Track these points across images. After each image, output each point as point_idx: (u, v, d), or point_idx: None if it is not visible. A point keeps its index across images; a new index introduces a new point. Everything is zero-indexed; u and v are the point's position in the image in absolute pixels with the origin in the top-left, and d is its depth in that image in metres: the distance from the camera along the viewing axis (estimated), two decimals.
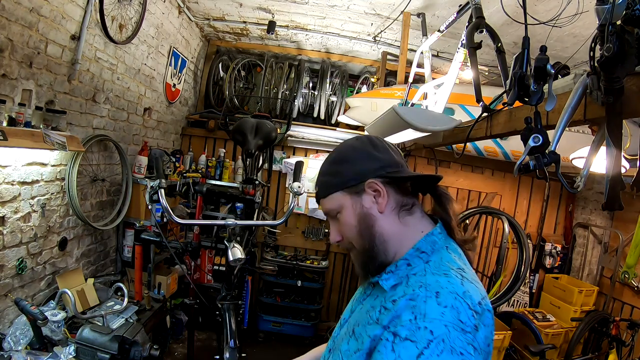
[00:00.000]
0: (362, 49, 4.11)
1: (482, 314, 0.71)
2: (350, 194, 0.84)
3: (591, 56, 0.91)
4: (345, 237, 0.88)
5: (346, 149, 0.88)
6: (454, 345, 0.65)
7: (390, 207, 0.83)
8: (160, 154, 3.18)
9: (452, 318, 0.67)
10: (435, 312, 0.68)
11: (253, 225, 2.54)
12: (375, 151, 0.85)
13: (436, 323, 0.67)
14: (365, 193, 0.83)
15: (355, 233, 0.85)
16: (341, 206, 0.86)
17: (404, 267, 0.80)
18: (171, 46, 3.45)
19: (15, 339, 1.84)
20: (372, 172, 0.83)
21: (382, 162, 0.84)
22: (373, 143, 0.87)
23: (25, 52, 1.86)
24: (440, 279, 0.73)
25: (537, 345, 3.25)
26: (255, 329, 3.99)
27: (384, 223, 0.83)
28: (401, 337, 0.68)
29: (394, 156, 0.86)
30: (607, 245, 3.81)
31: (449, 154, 3.34)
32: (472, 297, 0.71)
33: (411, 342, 0.67)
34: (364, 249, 0.84)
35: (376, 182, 0.82)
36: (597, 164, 1.39)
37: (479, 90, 1.67)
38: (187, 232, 3.58)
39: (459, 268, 0.77)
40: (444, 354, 0.65)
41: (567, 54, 2.94)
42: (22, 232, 2.01)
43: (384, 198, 0.82)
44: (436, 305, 0.69)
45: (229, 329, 2.05)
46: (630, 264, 3.33)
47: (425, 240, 0.82)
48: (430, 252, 0.81)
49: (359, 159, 0.85)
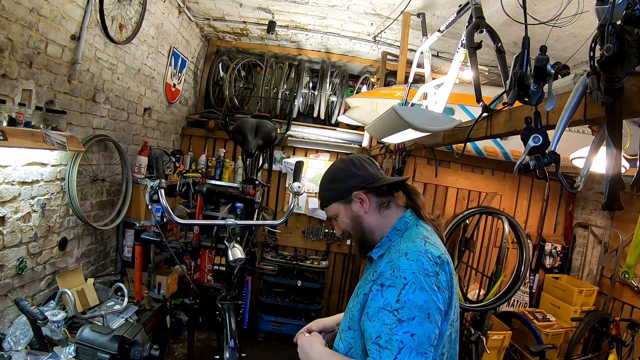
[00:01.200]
0: (362, 49, 4.11)
1: (442, 264, 1.01)
2: (343, 204, 1.19)
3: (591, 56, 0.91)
4: (345, 231, 1.23)
5: (336, 170, 1.23)
6: (422, 285, 0.95)
7: (372, 207, 1.18)
8: (160, 154, 3.17)
9: (418, 267, 0.97)
10: (405, 265, 0.98)
11: (253, 225, 2.54)
12: (356, 170, 1.19)
13: (407, 272, 0.97)
14: (354, 201, 1.18)
15: (351, 229, 1.21)
16: (338, 212, 1.21)
17: (387, 242, 1.14)
18: (171, 46, 3.45)
19: (15, 339, 1.84)
20: (356, 186, 1.17)
21: (362, 178, 1.17)
22: (354, 164, 1.20)
23: (25, 52, 1.86)
24: (409, 244, 1.05)
25: (537, 345, 3.25)
26: (255, 329, 3.99)
27: (369, 219, 1.18)
28: (385, 285, 0.98)
29: (370, 170, 1.19)
30: (607, 245, 3.81)
31: (449, 154, 3.34)
32: (433, 253, 1.01)
33: (393, 287, 0.97)
34: (358, 239, 1.21)
35: (360, 193, 1.16)
36: (597, 164, 1.39)
37: (479, 90, 1.66)
38: (187, 232, 3.58)
39: (423, 237, 1.08)
40: (417, 292, 0.94)
41: (567, 54, 2.94)
42: (22, 232, 2.02)
43: (367, 203, 1.17)
44: (405, 260, 0.99)
45: (229, 329, 2.05)
46: (630, 264, 3.33)
47: (400, 222, 1.16)
48: (404, 229, 1.14)
49: (346, 177, 1.19)
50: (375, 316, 0.96)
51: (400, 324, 0.92)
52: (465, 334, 3.42)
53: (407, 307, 0.93)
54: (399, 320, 0.92)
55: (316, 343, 1.16)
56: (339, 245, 4.35)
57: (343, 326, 1.13)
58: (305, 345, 1.16)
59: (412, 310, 0.92)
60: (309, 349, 1.14)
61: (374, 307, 0.98)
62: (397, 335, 0.91)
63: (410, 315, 0.92)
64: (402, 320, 0.92)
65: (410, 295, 0.93)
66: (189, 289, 3.31)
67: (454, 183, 3.97)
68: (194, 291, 3.13)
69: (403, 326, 0.92)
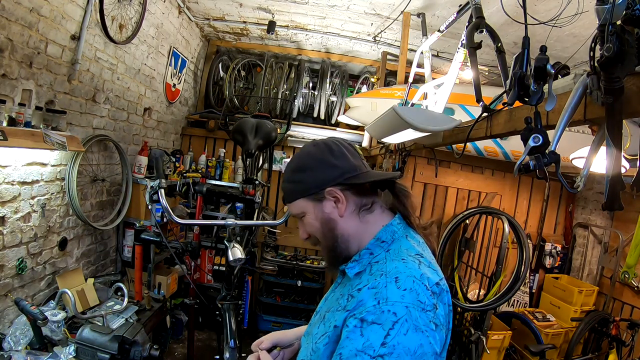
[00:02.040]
0: (362, 49, 4.11)
1: (440, 294, 0.78)
2: (312, 201, 0.91)
3: (591, 56, 0.91)
4: (311, 235, 0.95)
5: (305, 157, 0.93)
6: (417, 324, 0.72)
7: (349, 210, 0.90)
8: (160, 154, 3.18)
9: (412, 299, 0.74)
10: (396, 296, 0.74)
11: (253, 225, 2.53)
12: (333, 158, 0.90)
13: (398, 305, 0.73)
14: (326, 199, 0.90)
15: (320, 234, 0.93)
16: (305, 211, 0.93)
17: (367, 256, 0.88)
18: (171, 46, 3.45)
19: (15, 339, 1.84)
20: (331, 181, 0.89)
21: (340, 170, 0.89)
22: (330, 149, 0.92)
23: (25, 52, 1.86)
24: (399, 264, 0.80)
25: (537, 345, 3.25)
26: (255, 329, 3.99)
27: (345, 225, 0.90)
28: (368, 321, 0.73)
29: (351, 161, 0.91)
30: (607, 245, 3.81)
31: (449, 154, 3.34)
32: (430, 279, 0.78)
33: (378, 325, 0.72)
34: (328, 247, 0.93)
35: (335, 190, 0.89)
36: (597, 164, 1.39)
37: (479, 90, 1.66)
38: (187, 232, 3.58)
39: (417, 254, 0.84)
40: (410, 333, 0.71)
41: (567, 54, 2.94)
42: (22, 232, 2.01)
43: (343, 204, 0.89)
44: (396, 289, 0.75)
45: (229, 329, 2.05)
46: (630, 264, 3.33)
47: (385, 231, 0.90)
48: (390, 241, 0.88)
49: (318, 167, 0.90)
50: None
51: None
52: (465, 334, 3.42)
53: (396, 353, 0.70)
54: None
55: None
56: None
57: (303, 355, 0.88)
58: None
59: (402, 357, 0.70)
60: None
61: (350, 348, 0.73)
62: None
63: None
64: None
65: (402, 338, 0.70)
66: (189, 289, 3.31)
67: (454, 183, 3.97)
68: (194, 291, 3.13)
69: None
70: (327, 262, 0.97)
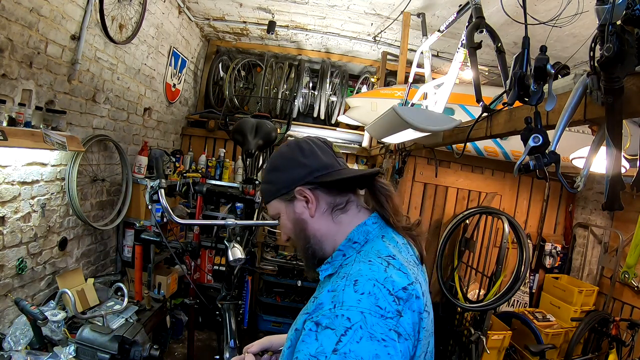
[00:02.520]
0: (362, 49, 4.11)
1: (408, 299, 0.71)
2: (284, 202, 0.89)
3: (591, 56, 0.91)
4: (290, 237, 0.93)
5: (277, 157, 0.92)
6: (372, 332, 0.66)
7: (321, 210, 0.87)
8: (160, 154, 3.18)
9: (369, 304, 0.68)
10: (352, 300, 0.69)
11: (253, 225, 2.53)
12: (303, 157, 0.88)
13: (352, 310, 0.68)
14: (297, 200, 0.88)
15: (293, 235, 0.91)
16: (279, 212, 0.92)
17: (340, 258, 0.84)
18: (171, 46, 3.45)
19: (15, 339, 1.84)
20: (300, 180, 0.87)
21: (309, 168, 0.87)
22: (300, 148, 0.90)
23: (25, 52, 1.86)
24: (363, 266, 0.75)
25: (537, 345, 3.25)
26: (255, 329, 3.99)
27: (317, 225, 0.87)
28: (322, 325, 0.69)
29: (322, 159, 0.88)
30: (607, 245, 3.81)
31: (449, 154, 3.34)
32: (395, 283, 0.71)
33: (331, 330, 0.67)
34: (302, 248, 0.90)
35: (304, 190, 0.87)
36: (597, 164, 1.39)
37: (479, 90, 1.66)
38: (187, 232, 3.58)
39: (388, 255, 0.78)
40: (363, 341, 0.65)
41: (567, 54, 2.94)
42: (22, 232, 2.01)
43: (313, 203, 0.87)
44: (353, 293, 0.70)
45: (229, 329, 2.05)
46: (630, 264, 3.33)
47: (357, 231, 0.85)
48: (363, 242, 0.84)
49: (288, 166, 0.89)
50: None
51: None
52: (465, 334, 3.42)
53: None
54: None
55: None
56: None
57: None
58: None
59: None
60: None
61: (304, 351, 0.68)
62: None
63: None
64: None
65: (354, 346, 0.65)
66: (189, 289, 3.31)
67: (454, 183, 3.96)
68: (194, 291, 3.13)
69: None
70: (305, 264, 0.94)
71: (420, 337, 0.73)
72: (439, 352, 3.69)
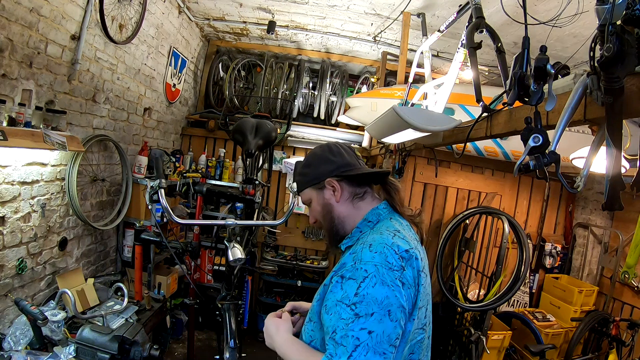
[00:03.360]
0: (362, 49, 4.11)
1: (409, 259, 0.95)
2: (315, 190, 1.16)
3: (591, 56, 0.91)
4: (317, 219, 1.18)
5: (311, 156, 1.19)
6: (384, 279, 0.89)
7: (344, 197, 1.13)
8: (160, 154, 3.17)
9: (381, 260, 0.92)
10: (367, 257, 0.93)
11: (253, 225, 2.54)
12: (332, 156, 1.15)
13: (369, 264, 0.91)
14: (326, 188, 1.14)
15: (321, 217, 1.16)
16: (310, 198, 1.18)
17: (357, 233, 1.10)
18: (171, 46, 3.45)
19: (15, 339, 1.84)
20: (329, 173, 1.13)
21: (337, 164, 1.13)
22: (330, 149, 1.16)
23: (25, 52, 1.86)
24: (376, 236, 0.99)
25: (537, 345, 3.25)
26: (255, 329, 3.99)
27: (340, 209, 1.13)
28: (345, 277, 0.93)
29: (346, 158, 1.15)
30: (607, 245, 3.81)
31: (449, 154, 3.34)
32: (400, 247, 0.95)
33: (352, 280, 0.91)
34: (328, 228, 1.16)
35: (332, 180, 1.12)
36: (597, 164, 1.39)
37: (479, 90, 1.66)
38: (187, 232, 3.58)
39: (394, 230, 1.02)
40: (377, 286, 0.88)
41: (567, 54, 2.94)
42: (22, 232, 2.02)
43: (339, 191, 1.12)
44: (368, 252, 0.94)
45: (229, 329, 2.05)
46: (630, 264, 3.33)
47: (372, 213, 1.11)
48: (376, 221, 1.09)
49: (320, 163, 1.15)
50: (332, 309, 0.91)
51: (357, 319, 0.85)
52: (465, 334, 3.42)
53: (365, 301, 0.86)
54: (356, 315, 0.86)
55: (282, 327, 1.09)
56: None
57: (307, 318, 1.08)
58: (271, 328, 1.09)
59: (371, 305, 0.86)
60: (275, 332, 1.08)
61: (332, 299, 0.92)
62: (353, 331, 0.85)
63: (368, 311, 0.86)
64: (359, 316, 0.86)
65: (370, 289, 0.87)
66: (189, 289, 3.31)
67: (454, 183, 3.97)
68: (194, 291, 3.13)
69: (360, 322, 0.85)
70: (328, 241, 1.18)
71: (419, 290, 0.96)
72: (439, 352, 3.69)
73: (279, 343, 1.06)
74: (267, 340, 1.10)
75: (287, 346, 1.04)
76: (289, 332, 1.09)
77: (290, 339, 1.06)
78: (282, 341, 1.06)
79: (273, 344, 1.08)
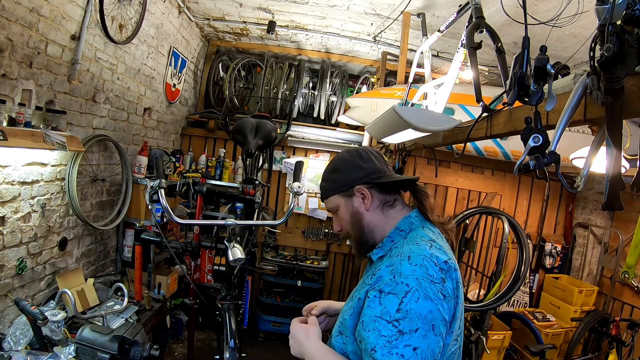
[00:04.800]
0: (362, 49, 4.10)
1: (448, 270, 0.91)
2: (344, 197, 1.09)
3: (591, 56, 0.91)
4: (343, 227, 1.12)
5: (339, 160, 1.12)
6: (427, 293, 0.85)
7: (374, 205, 1.07)
8: (160, 154, 3.18)
9: (422, 273, 0.87)
10: (408, 270, 0.88)
11: (253, 225, 2.53)
12: (361, 162, 1.08)
13: (410, 278, 0.87)
14: (355, 196, 1.07)
15: (350, 225, 1.09)
16: (337, 206, 1.10)
17: (389, 243, 1.03)
18: (171, 46, 3.45)
19: (15, 339, 1.84)
20: (359, 180, 1.06)
21: (367, 171, 1.07)
22: (360, 155, 1.10)
23: (25, 52, 1.86)
24: (412, 247, 0.94)
25: (537, 345, 3.25)
26: (255, 329, 3.99)
27: (370, 217, 1.07)
28: (384, 292, 0.88)
29: (376, 164, 1.08)
30: (607, 245, 3.81)
31: (449, 154, 3.34)
32: (439, 257, 0.91)
33: (393, 295, 0.86)
34: (357, 237, 1.09)
35: (362, 188, 1.06)
36: (597, 164, 1.39)
37: (479, 90, 1.66)
38: (187, 232, 3.58)
39: (429, 239, 0.97)
40: (420, 300, 0.84)
41: (567, 54, 2.94)
42: (22, 232, 2.01)
43: (369, 199, 1.06)
44: (408, 265, 0.89)
45: (229, 329, 2.05)
46: (630, 264, 3.33)
47: (404, 222, 1.05)
48: (408, 230, 1.03)
49: (349, 169, 1.08)
50: (370, 325, 0.86)
51: (401, 336, 0.82)
52: (465, 334, 3.42)
53: (409, 317, 0.83)
54: (399, 332, 0.82)
55: (312, 333, 1.02)
56: (339, 245, 4.35)
57: (335, 329, 1.03)
58: (299, 335, 1.02)
59: (415, 321, 0.83)
60: (304, 339, 1.01)
61: (370, 315, 0.88)
62: (397, 348, 0.81)
63: (412, 327, 0.82)
64: (403, 332, 0.82)
65: (414, 304, 0.83)
66: (189, 289, 3.31)
67: (454, 183, 3.97)
68: (194, 291, 3.13)
69: (404, 339, 0.82)
70: (356, 250, 1.12)
71: (458, 302, 0.92)
72: None
73: (311, 352, 0.98)
74: (295, 348, 1.03)
75: (319, 355, 0.97)
76: (319, 339, 1.02)
77: (323, 348, 0.99)
78: (313, 350, 0.98)
79: (302, 352, 1.00)
